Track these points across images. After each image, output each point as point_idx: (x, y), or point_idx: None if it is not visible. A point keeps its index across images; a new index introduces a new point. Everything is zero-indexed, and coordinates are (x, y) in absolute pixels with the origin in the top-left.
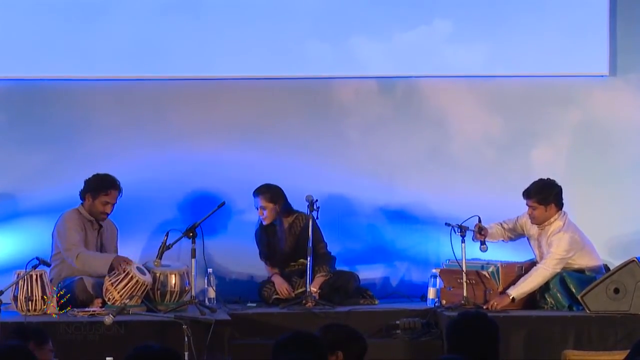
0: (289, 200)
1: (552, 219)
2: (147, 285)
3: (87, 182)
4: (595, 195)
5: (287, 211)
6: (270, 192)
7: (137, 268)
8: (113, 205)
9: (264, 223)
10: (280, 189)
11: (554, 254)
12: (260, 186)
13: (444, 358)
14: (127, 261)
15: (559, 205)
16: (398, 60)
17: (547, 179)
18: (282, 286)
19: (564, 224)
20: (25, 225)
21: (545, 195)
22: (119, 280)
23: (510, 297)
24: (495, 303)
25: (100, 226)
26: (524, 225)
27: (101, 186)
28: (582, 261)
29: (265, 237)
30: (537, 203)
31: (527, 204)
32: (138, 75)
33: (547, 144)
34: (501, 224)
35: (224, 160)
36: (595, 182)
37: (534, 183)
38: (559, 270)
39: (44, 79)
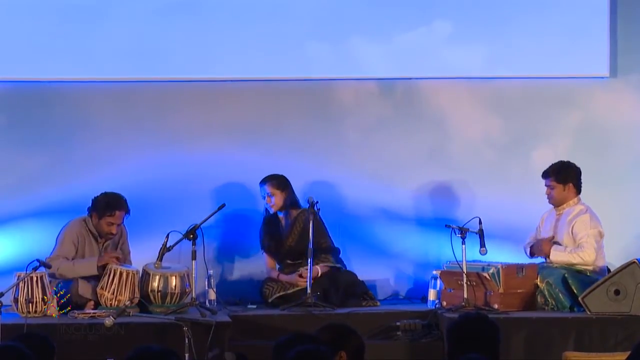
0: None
1: (571, 202)
2: (135, 275)
3: (95, 201)
4: (595, 197)
5: (294, 204)
6: (277, 180)
7: (121, 265)
8: (119, 225)
9: (272, 211)
10: (287, 179)
11: (589, 240)
12: (267, 176)
13: (468, 358)
14: (112, 258)
15: (578, 187)
16: (398, 62)
17: (567, 161)
18: (295, 276)
19: (586, 208)
20: (26, 227)
21: (564, 174)
22: (107, 283)
23: (548, 255)
24: (542, 247)
25: (106, 239)
26: (542, 227)
27: (106, 207)
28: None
29: (269, 227)
30: (556, 182)
31: (545, 184)
32: (138, 77)
33: (547, 146)
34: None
35: (224, 161)
36: (595, 183)
37: (553, 164)
38: (594, 261)
39: (44, 80)
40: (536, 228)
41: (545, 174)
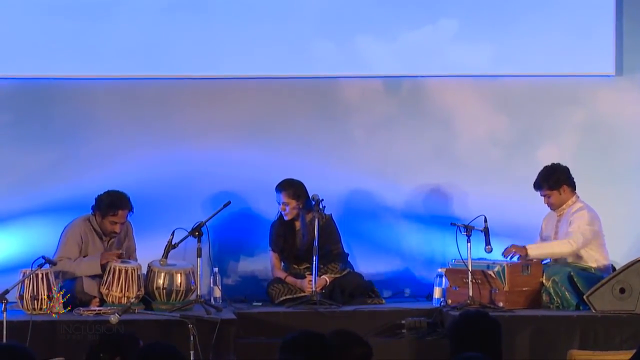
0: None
1: (569, 201)
2: (138, 269)
3: (98, 200)
4: (601, 195)
5: (308, 208)
6: (293, 189)
7: (122, 262)
8: (123, 224)
9: (286, 218)
10: (303, 185)
11: (577, 228)
12: (284, 182)
13: (465, 356)
14: (113, 256)
15: (572, 185)
16: (404, 60)
17: (551, 164)
18: (305, 282)
19: (584, 205)
20: (31, 224)
21: (554, 180)
22: (110, 282)
23: (526, 251)
24: (514, 249)
25: (111, 237)
26: (544, 228)
27: (109, 207)
28: (595, 254)
29: (283, 229)
30: (549, 190)
31: (541, 195)
32: (144, 74)
33: (552, 144)
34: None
35: (229, 159)
36: (601, 181)
37: (540, 173)
38: (580, 248)
39: (49, 77)
40: (539, 232)
41: (537, 186)
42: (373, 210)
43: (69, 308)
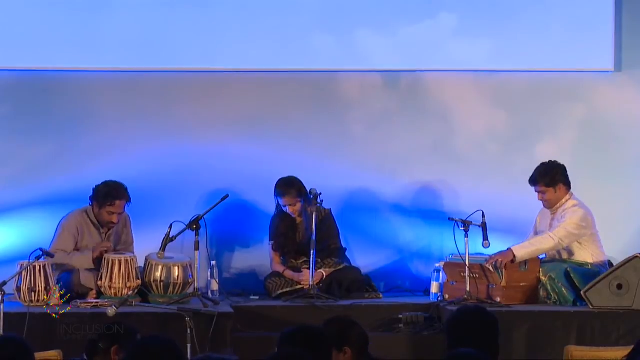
0: None
1: (564, 200)
2: (133, 260)
3: (95, 190)
4: (599, 191)
5: (308, 203)
6: (295, 188)
7: (117, 253)
8: (120, 214)
9: (293, 215)
10: (300, 180)
11: (564, 224)
12: (283, 185)
13: (460, 352)
14: (104, 247)
15: (567, 184)
16: (403, 54)
17: (549, 161)
18: (302, 276)
19: (579, 202)
20: (29, 216)
21: (551, 177)
22: (107, 275)
23: (513, 254)
24: (499, 259)
25: (109, 229)
26: (538, 224)
27: (106, 197)
28: (590, 249)
29: (284, 224)
30: (545, 186)
31: (536, 191)
32: (144, 67)
33: (551, 139)
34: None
35: (228, 152)
36: (599, 177)
37: (537, 169)
38: (565, 245)
39: (49, 69)
40: (533, 227)
41: (533, 181)
42: (371, 205)
43: (69, 308)
